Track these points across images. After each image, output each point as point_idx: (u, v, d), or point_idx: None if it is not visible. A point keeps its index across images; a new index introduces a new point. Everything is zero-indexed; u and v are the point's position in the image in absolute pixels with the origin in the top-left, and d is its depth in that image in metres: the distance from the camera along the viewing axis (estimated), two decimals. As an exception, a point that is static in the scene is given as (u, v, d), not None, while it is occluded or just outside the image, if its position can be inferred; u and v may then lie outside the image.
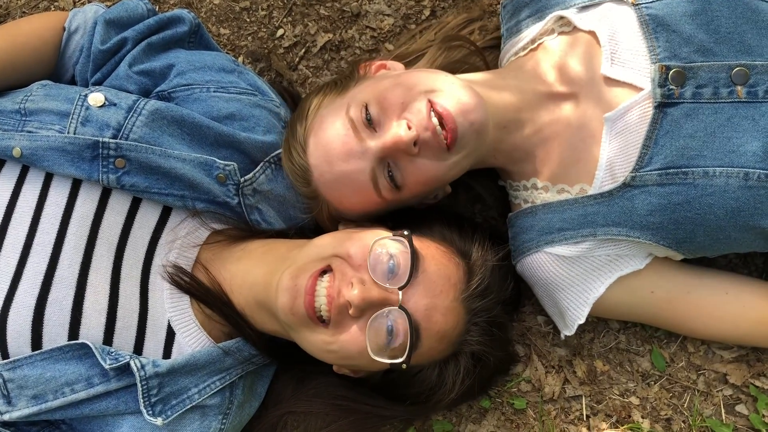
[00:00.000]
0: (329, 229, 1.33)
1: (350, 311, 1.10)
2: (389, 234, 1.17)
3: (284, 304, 1.12)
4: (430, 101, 1.15)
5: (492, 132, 1.22)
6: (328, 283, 1.12)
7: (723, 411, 1.41)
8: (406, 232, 1.17)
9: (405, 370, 1.15)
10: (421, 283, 1.13)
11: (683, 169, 1.17)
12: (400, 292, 1.11)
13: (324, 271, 1.13)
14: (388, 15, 1.60)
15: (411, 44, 1.49)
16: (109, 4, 1.51)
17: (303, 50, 1.59)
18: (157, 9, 1.48)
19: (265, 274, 1.20)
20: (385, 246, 1.14)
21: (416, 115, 1.15)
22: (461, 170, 1.24)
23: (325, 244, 1.18)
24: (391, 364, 1.14)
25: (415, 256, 1.13)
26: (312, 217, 1.34)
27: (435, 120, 1.15)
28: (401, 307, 1.11)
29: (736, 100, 1.17)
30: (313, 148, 1.23)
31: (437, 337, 1.16)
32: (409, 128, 1.14)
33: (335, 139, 1.19)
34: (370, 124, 1.17)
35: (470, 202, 1.54)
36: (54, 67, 1.38)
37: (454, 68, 1.36)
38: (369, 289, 1.10)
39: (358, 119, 1.18)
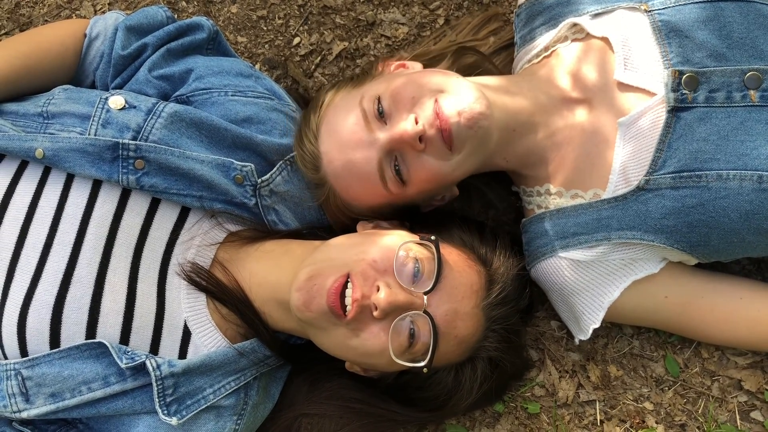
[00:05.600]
0: (338, 222, 1.34)
1: (375, 314, 1.10)
2: (415, 238, 1.18)
3: (298, 303, 1.13)
4: (436, 100, 1.17)
5: (499, 135, 1.23)
6: (352, 290, 1.11)
7: (738, 417, 1.40)
8: (432, 238, 1.18)
9: (424, 373, 1.16)
10: (445, 289, 1.14)
11: (697, 173, 1.17)
12: (425, 297, 1.12)
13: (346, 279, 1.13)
14: (403, 24, 1.61)
15: (432, 45, 1.50)
16: (129, 12, 1.54)
17: (319, 58, 1.61)
18: (176, 17, 1.50)
19: (286, 275, 1.20)
20: (410, 249, 1.15)
21: (424, 111, 1.17)
22: (466, 171, 1.25)
23: (346, 246, 1.18)
24: (412, 367, 1.14)
25: (441, 262, 1.14)
26: (320, 207, 1.34)
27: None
28: (426, 312, 1.12)
29: (749, 104, 1.18)
30: (324, 136, 1.25)
31: (456, 341, 1.16)
32: (416, 123, 1.16)
33: (346, 128, 1.21)
34: (381, 116, 1.19)
35: (484, 207, 1.54)
36: (75, 72, 1.40)
37: (468, 72, 1.38)
38: (396, 293, 1.10)
39: (370, 111, 1.20)
